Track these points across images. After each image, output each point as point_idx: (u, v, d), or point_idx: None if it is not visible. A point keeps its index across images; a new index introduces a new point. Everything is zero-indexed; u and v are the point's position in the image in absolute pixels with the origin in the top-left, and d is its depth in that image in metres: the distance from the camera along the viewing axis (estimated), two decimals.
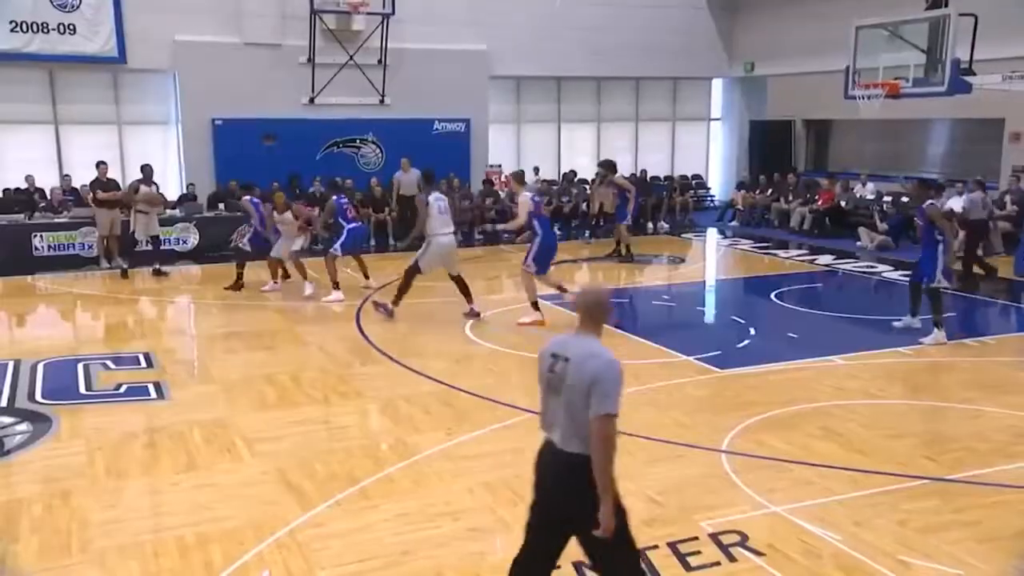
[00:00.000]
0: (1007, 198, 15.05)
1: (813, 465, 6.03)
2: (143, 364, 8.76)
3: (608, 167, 15.06)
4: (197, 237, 15.42)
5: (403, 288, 10.32)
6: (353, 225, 12.13)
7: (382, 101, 18.26)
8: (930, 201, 9.25)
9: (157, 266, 13.48)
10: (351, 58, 17.76)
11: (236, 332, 10.17)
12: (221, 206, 16.23)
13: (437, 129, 18.65)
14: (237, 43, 17.15)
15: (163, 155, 17.29)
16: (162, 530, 5.19)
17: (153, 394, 7.80)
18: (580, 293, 3.90)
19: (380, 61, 17.97)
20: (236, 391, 7.87)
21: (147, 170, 13.51)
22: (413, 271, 10.27)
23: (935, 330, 9.09)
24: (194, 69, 16.86)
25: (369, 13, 17.45)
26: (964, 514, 5.27)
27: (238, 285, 12.34)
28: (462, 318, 10.46)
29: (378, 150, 18.49)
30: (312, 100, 17.81)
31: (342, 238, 11.89)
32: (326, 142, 18.05)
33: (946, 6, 12.12)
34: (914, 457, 6.17)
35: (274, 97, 17.36)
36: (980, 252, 13.33)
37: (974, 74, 12.00)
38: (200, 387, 8.09)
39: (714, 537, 5.00)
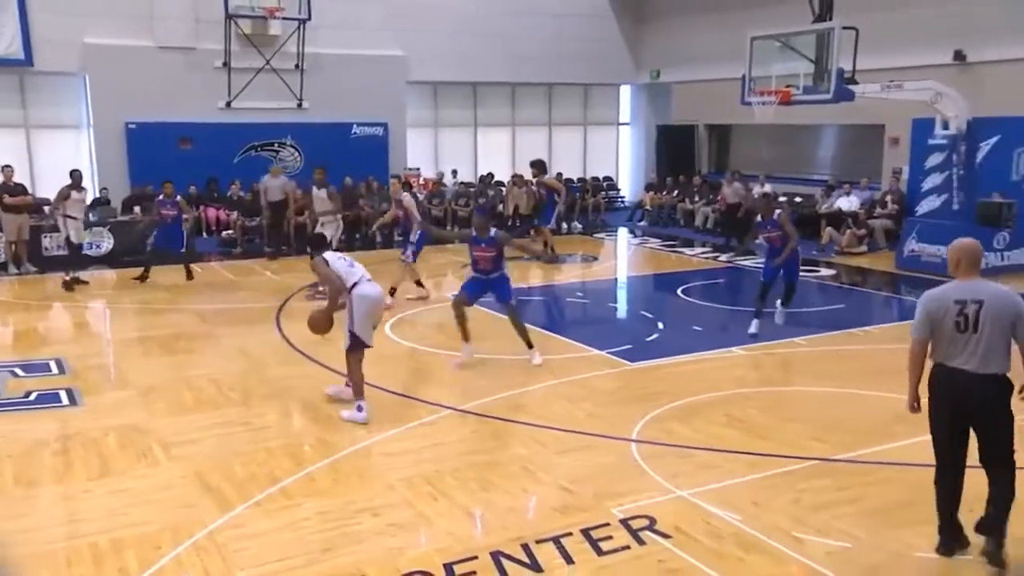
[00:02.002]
0: (888, 198, 15.78)
1: (716, 451, 6.20)
2: (54, 370, 8.37)
3: (539, 167, 14.74)
4: (111, 241, 14.81)
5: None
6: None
7: (300, 105, 17.95)
8: (779, 211, 9.77)
9: (74, 275, 12.51)
10: (268, 63, 17.39)
11: (153, 336, 9.82)
12: (137, 209, 15.66)
13: (355, 133, 18.44)
14: (150, 46, 16.60)
15: (75, 159, 16.54)
16: (75, 537, 4.98)
17: (65, 401, 7.46)
18: (960, 246, 4.56)
19: (297, 66, 17.66)
20: (153, 395, 7.60)
21: (76, 176, 12.65)
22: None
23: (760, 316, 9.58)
24: (105, 72, 16.23)
25: (285, 18, 17.14)
26: (851, 491, 5.51)
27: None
28: (383, 319, 10.33)
29: (297, 153, 18.15)
30: (229, 104, 17.37)
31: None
32: (244, 145, 17.64)
33: (831, 20, 12.64)
34: (807, 440, 6.41)
35: (190, 101, 16.86)
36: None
37: (856, 83, 12.55)
38: (115, 392, 7.79)
39: (624, 522, 5.09)
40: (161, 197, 12.84)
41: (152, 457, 6.20)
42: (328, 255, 7.05)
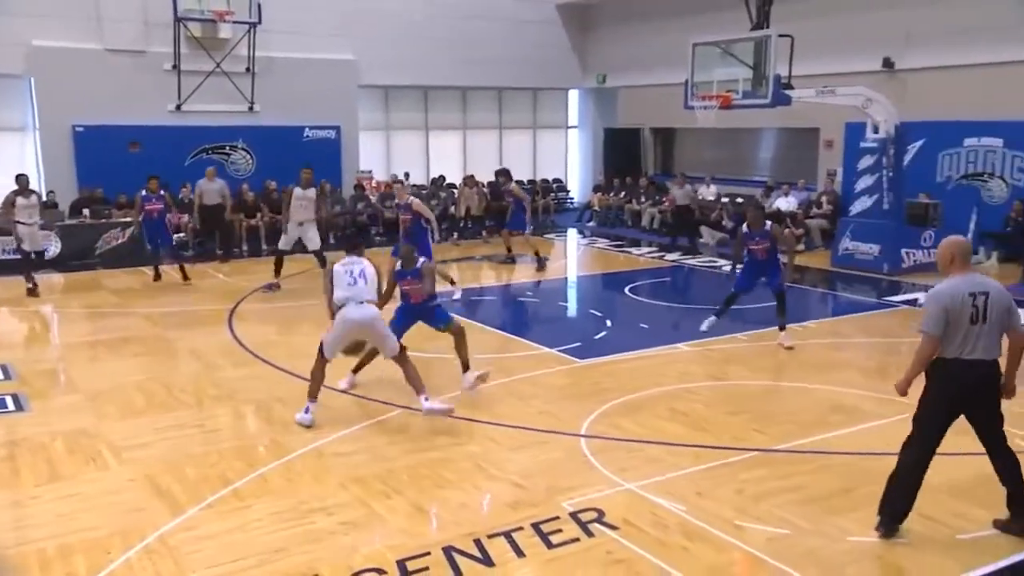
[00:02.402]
0: (823, 198, 16.16)
1: (662, 444, 6.27)
2: (0, 376, 8.09)
3: (506, 175, 14.40)
4: (59, 245, 14.37)
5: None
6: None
7: (251, 108, 17.65)
8: (769, 223, 9.25)
9: (32, 284, 11.89)
10: (218, 66, 17.07)
11: (102, 340, 9.56)
12: (86, 212, 15.25)
13: (307, 136, 18.20)
14: (98, 49, 16.16)
15: (20, 162, 16.04)
16: (22, 544, 4.82)
17: (11, 406, 7.22)
18: (952, 243, 4.66)
19: (248, 69, 17.36)
20: (102, 399, 7.40)
21: (22, 180, 12.03)
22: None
23: (720, 317, 9.40)
24: (52, 75, 15.75)
25: (235, 22, 16.84)
26: (790, 480, 5.62)
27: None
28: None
29: (248, 156, 17.84)
30: (179, 107, 17.00)
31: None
32: (194, 148, 17.27)
33: (767, 28, 12.89)
34: (748, 432, 6.53)
35: (139, 104, 16.46)
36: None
37: (792, 88, 12.82)
38: (63, 397, 7.56)
39: (574, 515, 5.11)
40: (145, 193, 12.56)
41: (101, 461, 6.04)
42: (337, 267, 6.70)
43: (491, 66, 20.15)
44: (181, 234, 15.88)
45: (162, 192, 12.76)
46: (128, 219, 15.34)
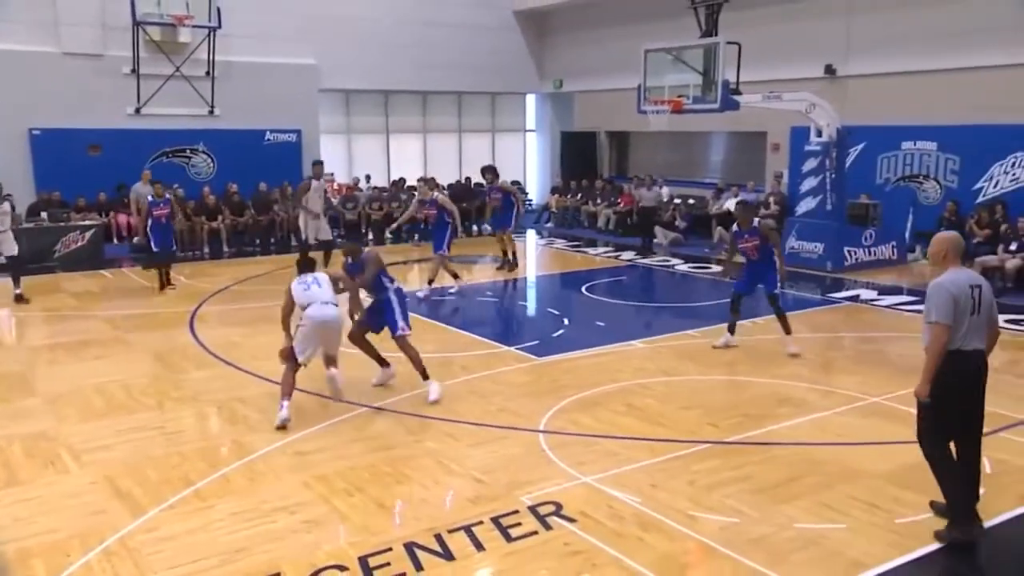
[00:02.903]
0: (771, 199, 16.41)
1: (617, 438, 6.32)
2: None
3: (492, 172, 13.93)
4: (16, 248, 13.90)
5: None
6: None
7: (212, 112, 17.35)
8: (758, 219, 8.94)
9: (19, 292, 11.38)
10: (177, 69, 16.75)
11: (62, 343, 9.32)
12: (44, 215, 14.84)
13: (268, 139, 17.97)
14: (55, 52, 15.74)
15: None
16: None
17: None
18: (944, 238, 4.71)
19: (208, 73, 17.06)
20: (62, 403, 7.21)
21: None
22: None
23: (733, 331, 8.93)
24: (7, 78, 15.30)
25: (195, 26, 16.53)
26: (740, 470, 5.70)
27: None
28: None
29: (209, 160, 17.54)
30: (138, 110, 16.65)
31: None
32: (154, 152, 16.92)
33: (716, 35, 13.07)
34: (701, 425, 6.61)
35: (98, 107, 16.08)
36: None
37: (740, 94, 13.02)
38: (21, 401, 7.34)
39: (532, 509, 5.12)
40: (151, 198, 12.06)
41: (61, 464, 5.88)
42: (294, 285, 6.86)
43: (451, 71, 20.11)
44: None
45: (168, 196, 12.29)
46: (88, 222, 15.01)
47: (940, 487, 4.71)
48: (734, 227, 8.94)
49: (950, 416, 4.60)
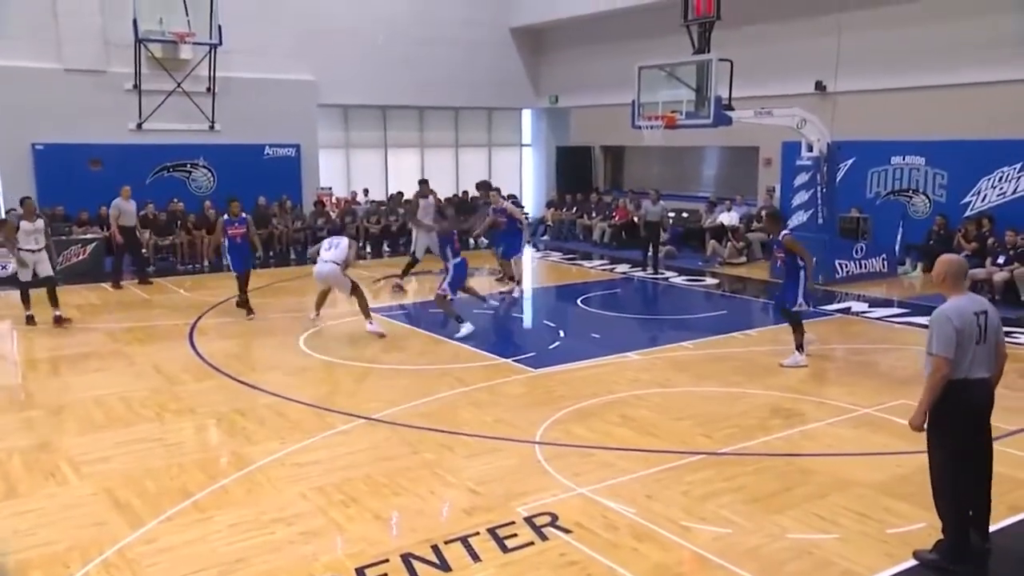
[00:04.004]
0: (763, 213, 16.44)
1: (612, 449, 6.31)
2: None
3: (485, 188, 13.78)
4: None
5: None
6: (458, 260, 10.32)
7: (212, 127, 17.40)
8: (784, 231, 8.62)
9: (58, 313, 10.76)
10: (179, 86, 16.81)
11: (63, 356, 9.30)
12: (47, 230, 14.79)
13: (268, 154, 18.00)
14: (57, 69, 15.79)
15: None
16: None
17: None
18: (945, 261, 4.52)
19: (209, 89, 17.13)
20: (62, 415, 7.19)
21: (29, 204, 10.81)
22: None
23: (796, 353, 8.55)
24: (10, 94, 15.33)
25: (196, 43, 16.59)
26: (733, 481, 5.70)
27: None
28: (297, 332, 10.15)
29: (210, 174, 17.57)
30: (140, 126, 16.69)
31: (450, 277, 10.22)
32: (156, 167, 16.95)
33: (709, 52, 13.15)
34: (694, 436, 6.61)
35: (100, 122, 16.12)
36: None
37: (733, 109, 13.08)
38: (22, 413, 7.31)
39: (528, 520, 5.11)
40: (227, 216, 11.19)
41: (60, 476, 5.86)
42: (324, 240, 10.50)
43: (448, 86, 20.20)
44: (144, 250, 15.53)
45: (244, 215, 11.32)
46: (90, 236, 15.01)
47: (940, 518, 4.56)
48: (769, 236, 8.84)
49: (957, 448, 4.41)
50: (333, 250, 10.00)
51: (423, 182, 13.38)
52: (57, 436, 6.67)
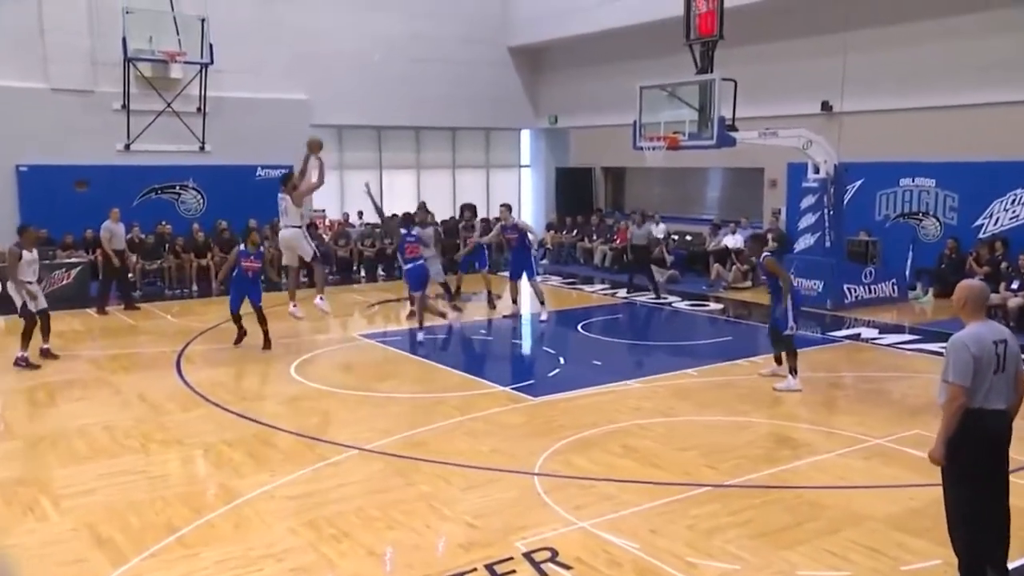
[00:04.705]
0: (769, 236, 16.50)
1: (614, 481, 6.28)
2: None
3: (472, 210, 14.44)
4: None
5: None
6: (410, 265, 11.61)
7: (202, 148, 17.49)
8: (765, 253, 8.85)
9: (48, 346, 10.43)
10: (168, 106, 16.92)
11: (44, 384, 9.27)
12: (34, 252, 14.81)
13: (260, 175, 18.06)
14: (43, 88, 15.90)
15: None
16: None
17: None
18: (966, 287, 4.51)
19: (200, 109, 17.24)
20: (42, 447, 7.15)
21: (30, 233, 10.42)
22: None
23: (790, 377, 8.71)
24: None
25: (187, 62, 16.74)
26: (740, 515, 5.66)
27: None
28: (288, 359, 10.13)
29: (200, 196, 17.63)
30: (128, 146, 16.77)
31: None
32: (144, 188, 17.02)
33: (711, 72, 13.28)
34: (699, 467, 6.57)
35: (86, 143, 16.21)
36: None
37: (736, 130, 13.19)
38: (0, 444, 7.27)
39: (527, 555, 5.07)
40: (243, 247, 10.87)
41: (40, 511, 5.81)
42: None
43: (445, 106, 20.35)
44: (129, 275, 15.54)
45: (262, 248, 11.14)
46: (75, 260, 15.02)
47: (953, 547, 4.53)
48: (754, 259, 9.12)
49: (974, 482, 4.37)
50: (282, 215, 10.49)
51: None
52: (37, 468, 6.63)
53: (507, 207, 13.44)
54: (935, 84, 14.29)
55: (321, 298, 10.74)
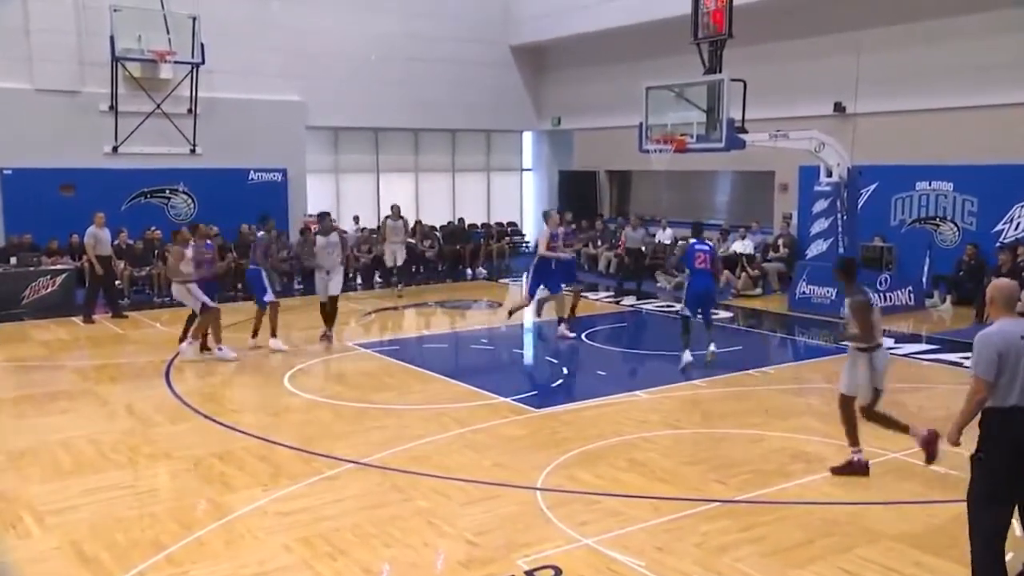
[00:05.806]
0: (779, 241, 16.54)
1: (620, 496, 6.26)
2: None
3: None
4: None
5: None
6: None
7: (193, 151, 17.54)
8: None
9: None
10: (158, 107, 16.98)
11: (28, 395, 9.27)
12: (13, 260, 14.87)
13: (253, 179, 18.14)
14: (27, 89, 15.97)
15: None
16: None
17: None
18: (995, 285, 4.65)
19: (190, 110, 17.30)
20: (25, 460, 7.14)
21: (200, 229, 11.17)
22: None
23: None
24: None
25: (177, 62, 16.81)
26: (751, 531, 5.65)
27: None
28: (282, 369, 10.13)
29: (190, 200, 17.68)
30: (115, 149, 16.82)
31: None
32: (132, 192, 17.08)
33: (720, 72, 13.30)
34: (708, 482, 6.56)
35: (73, 146, 16.27)
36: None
37: (746, 132, 13.20)
38: None
39: (530, 573, 5.06)
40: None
41: (22, 528, 5.80)
42: None
43: (444, 108, 20.42)
44: (117, 281, 15.54)
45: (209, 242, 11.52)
46: (60, 266, 15.04)
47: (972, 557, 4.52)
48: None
49: (996, 479, 4.41)
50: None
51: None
52: (19, 483, 6.62)
53: (558, 211, 13.27)
54: (953, 84, 14.31)
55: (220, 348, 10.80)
